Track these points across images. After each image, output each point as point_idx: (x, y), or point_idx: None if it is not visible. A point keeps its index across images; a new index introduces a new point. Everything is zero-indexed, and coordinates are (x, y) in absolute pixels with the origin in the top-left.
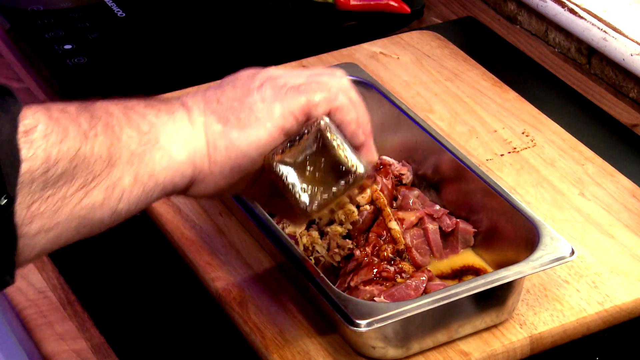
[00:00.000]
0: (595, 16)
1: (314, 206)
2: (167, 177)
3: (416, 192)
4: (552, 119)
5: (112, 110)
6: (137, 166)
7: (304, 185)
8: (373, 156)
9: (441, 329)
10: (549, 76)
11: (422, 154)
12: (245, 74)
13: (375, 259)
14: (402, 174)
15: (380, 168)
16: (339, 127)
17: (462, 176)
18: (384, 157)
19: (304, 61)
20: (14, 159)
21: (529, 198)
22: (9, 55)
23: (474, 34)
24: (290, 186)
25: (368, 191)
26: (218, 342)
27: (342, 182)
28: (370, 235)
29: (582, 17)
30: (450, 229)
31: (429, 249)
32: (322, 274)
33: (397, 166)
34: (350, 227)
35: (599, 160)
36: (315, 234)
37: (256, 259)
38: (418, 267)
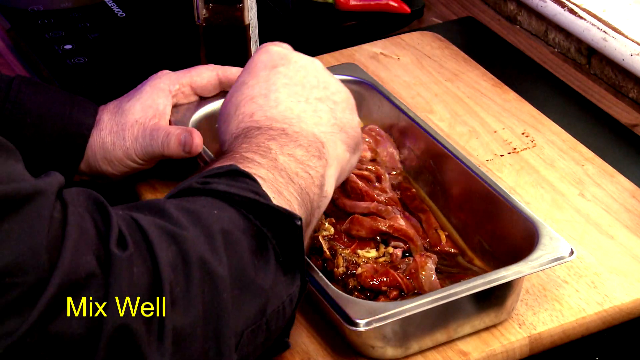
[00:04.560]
0: (595, 16)
1: None
2: None
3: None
4: (552, 119)
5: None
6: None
7: None
8: None
9: (440, 329)
10: (549, 76)
11: (421, 155)
12: None
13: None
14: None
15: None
16: None
17: (461, 176)
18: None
19: None
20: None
21: (529, 198)
22: (9, 55)
23: (474, 34)
24: None
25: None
26: None
27: None
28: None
29: (581, 17)
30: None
31: None
32: (321, 274)
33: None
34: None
35: (598, 160)
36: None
37: None
38: None
